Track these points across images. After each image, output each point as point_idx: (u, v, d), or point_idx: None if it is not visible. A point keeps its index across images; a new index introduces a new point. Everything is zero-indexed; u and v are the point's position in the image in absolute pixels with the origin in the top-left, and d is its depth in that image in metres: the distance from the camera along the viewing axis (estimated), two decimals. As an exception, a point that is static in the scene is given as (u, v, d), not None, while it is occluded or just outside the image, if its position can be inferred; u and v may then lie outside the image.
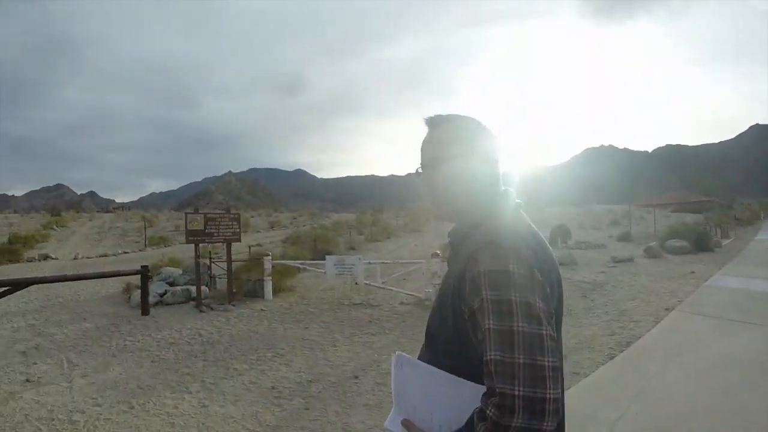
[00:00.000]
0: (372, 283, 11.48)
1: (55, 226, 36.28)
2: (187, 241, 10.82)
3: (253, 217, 51.45)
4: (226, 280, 11.72)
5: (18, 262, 21.36)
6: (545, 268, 1.25)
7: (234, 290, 11.27)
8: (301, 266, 13.45)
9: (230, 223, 11.28)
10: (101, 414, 5.05)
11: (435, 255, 10.79)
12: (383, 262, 12.63)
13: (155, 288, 11.23)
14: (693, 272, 13.15)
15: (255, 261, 12.33)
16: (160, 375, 6.34)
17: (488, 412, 1.08)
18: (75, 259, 22.81)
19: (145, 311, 9.94)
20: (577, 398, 4.66)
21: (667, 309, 8.73)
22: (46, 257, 22.53)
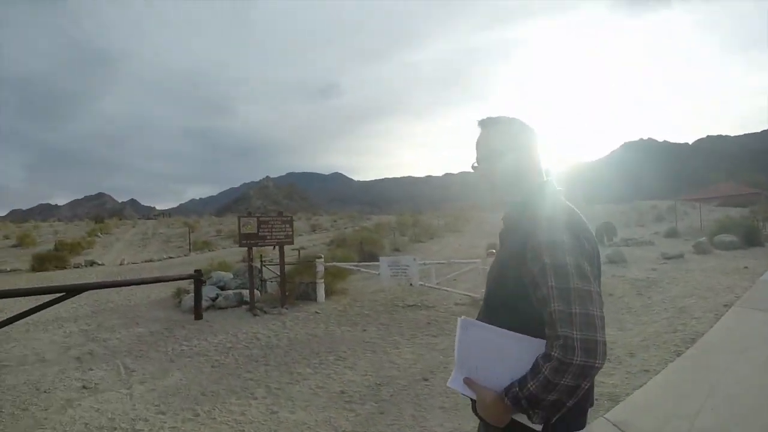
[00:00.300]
0: (426, 284, 11.10)
1: (99, 233, 37.00)
2: (240, 245, 10.56)
3: (293, 221, 51.03)
4: (278, 283, 11.52)
5: (65, 268, 21.70)
6: (589, 240, 1.58)
7: (286, 293, 10.96)
8: (354, 268, 13.12)
9: (283, 225, 11.00)
10: (165, 422, 4.75)
11: (491, 254, 10.37)
12: (438, 263, 12.21)
13: (207, 292, 11.04)
14: (746, 267, 12.77)
15: (307, 264, 12.00)
16: (222, 380, 6.05)
17: (553, 353, 1.38)
18: (121, 264, 23.09)
19: (198, 315, 9.71)
20: (653, 394, 4.76)
21: (725, 305, 8.48)
22: (92, 263, 22.82)
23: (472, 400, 1.68)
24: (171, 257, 26.45)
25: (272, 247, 11.16)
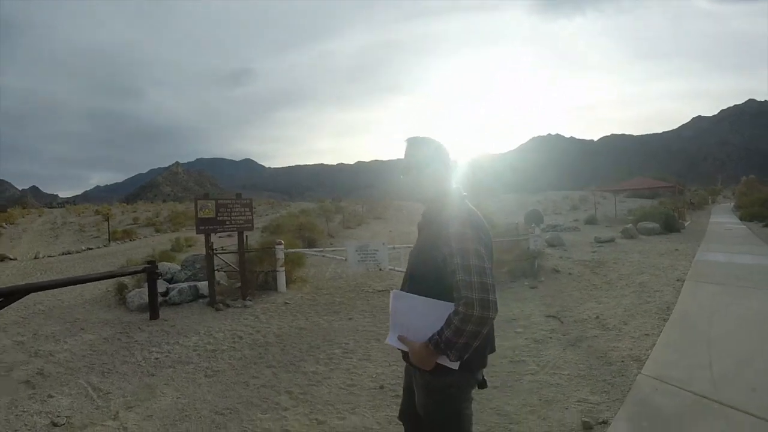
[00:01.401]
0: (397, 268, 10.35)
1: (4, 224, 33.05)
2: (198, 231, 9.09)
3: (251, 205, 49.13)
4: (233, 273, 10.43)
5: (-32, 266, 18.81)
6: (485, 231, 2.15)
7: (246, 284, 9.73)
8: (317, 254, 12.21)
9: (242, 209, 9.67)
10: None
11: None
12: (408, 246, 11.50)
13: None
14: (677, 249, 13.93)
15: (266, 250, 10.74)
16: (229, 392, 4.90)
17: (459, 309, 1.93)
18: (36, 258, 20.29)
19: (154, 314, 8.23)
20: (667, 352, 5.34)
21: (678, 280, 9.32)
22: (2, 258, 19.93)
23: (403, 352, 2.26)
24: (90, 248, 23.58)
25: (228, 234, 9.82)
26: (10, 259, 20.02)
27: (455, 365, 2.04)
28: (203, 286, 9.73)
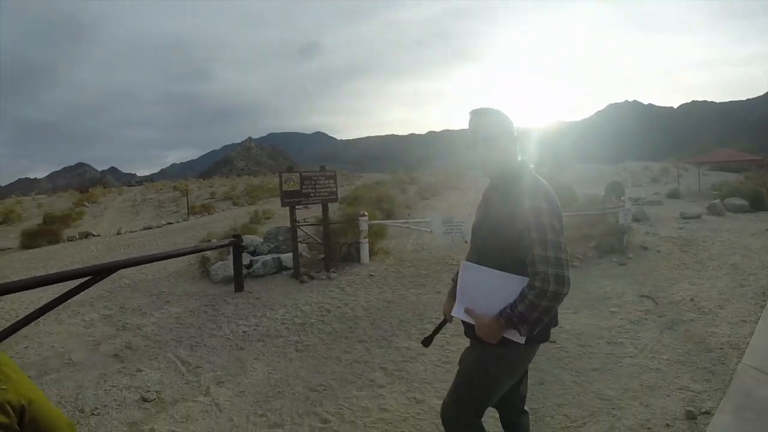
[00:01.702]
0: None
1: (87, 203, 34.75)
2: (283, 204, 8.95)
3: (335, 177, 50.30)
4: (315, 245, 10.31)
5: (59, 242, 19.68)
6: (557, 205, 2.15)
7: (330, 256, 9.55)
8: (401, 226, 11.96)
9: (327, 182, 9.46)
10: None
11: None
12: None
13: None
14: None
15: (349, 222, 10.54)
16: (322, 368, 4.70)
17: (536, 283, 1.95)
18: (119, 234, 21.15)
19: (239, 286, 8.19)
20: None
21: None
22: (87, 235, 20.86)
23: (465, 325, 2.29)
24: (170, 223, 24.42)
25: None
26: (94, 235, 20.96)
27: (522, 339, 2.07)
28: (286, 258, 9.62)
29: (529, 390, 3.95)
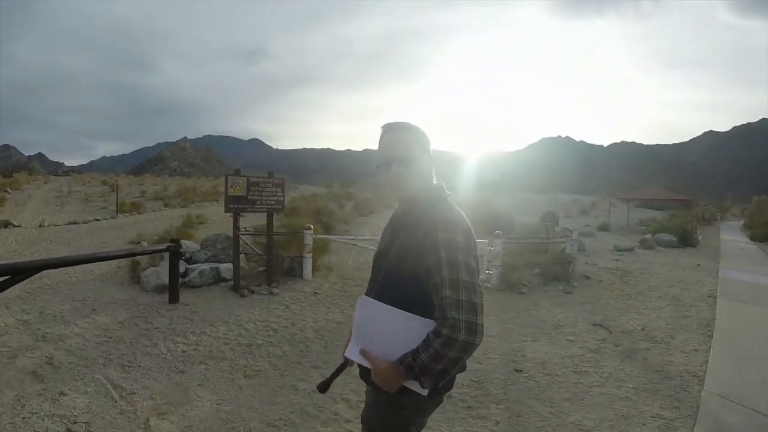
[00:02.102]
0: None
1: (9, 189, 32.21)
2: (227, 210, 8.32)
3: (217, 186, 49.41)
4: (254, 257, 9.80)
5: (-30, 231, 18.06)
6: (474, 241, 1.86)
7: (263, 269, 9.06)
8: (348, 242, 11.53)
9: (274, 189, 8.94)
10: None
11: (498, 235, 9.91)
12: None
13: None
14: (699, 265, 13.82)
15: (294, 234, 10.03)
16: (277, 397, 4.24)
17: (443, 330, 1.66)
18: (41, 226, 19.50)
19: (174, 297, 7.51)
20: (723, 367, 5.41)
21: (709, 296, 9.35)
22: (6, 224, 19.10)
23: (361, 368, 1.95)
24: (97, 219, 22.77)
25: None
26: (15, 225, 19.25)
27: (425, 392, 1.80)
28: (225, 268, 9.01)
29: (508, 422, 3.99)
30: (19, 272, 4.83)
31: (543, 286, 9.63)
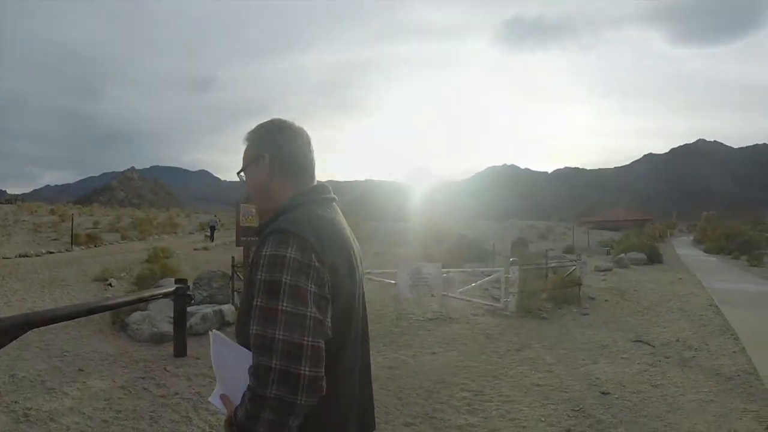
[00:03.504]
0: (450, 294, 9.43)
1: (-53, 218, 29.04)
2: (238, 243, 6.93)
3: (178, 216, 47.25)
4: None
5: None
6: (333, 258, 1.24)
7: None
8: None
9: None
10: None
11: (515, 262, 9.61)
12: (463, 271, 11.55)
13: (166, 311, 7.23)
14: (681, 278, 14.20)
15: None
16: None
17: (250, 382, 1.13)
18: (-11, 260, 17.24)
19: (181, 350, 5.98)
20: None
21: (710, 305, 9.60)
22: (-52, 258, 16.76)
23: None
24: (51, 252, 20.37)
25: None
26: (-42, 259, 16.90)
27: None
28: (228, 311, 7.62)
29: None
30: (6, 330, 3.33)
31: (558, 310, 9.37)
